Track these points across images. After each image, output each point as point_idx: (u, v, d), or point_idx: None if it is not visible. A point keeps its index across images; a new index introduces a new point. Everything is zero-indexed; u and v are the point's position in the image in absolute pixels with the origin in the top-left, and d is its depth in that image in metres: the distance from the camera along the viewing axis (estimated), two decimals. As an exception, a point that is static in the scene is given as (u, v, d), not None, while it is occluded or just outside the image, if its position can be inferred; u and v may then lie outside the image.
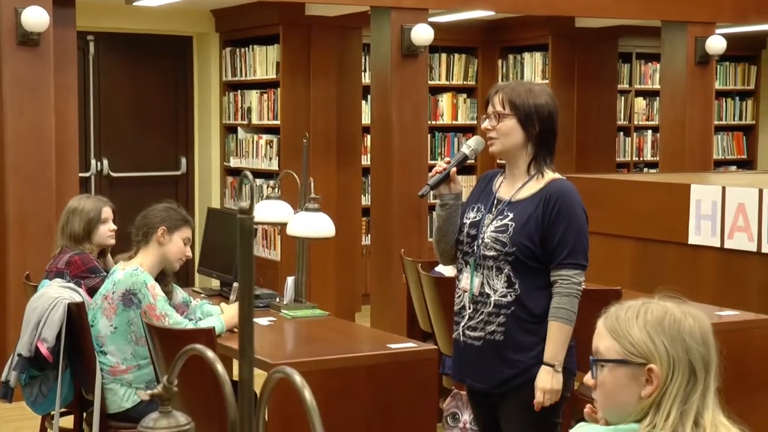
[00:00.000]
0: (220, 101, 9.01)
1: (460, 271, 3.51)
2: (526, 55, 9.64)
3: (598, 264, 6.64)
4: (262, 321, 4.51)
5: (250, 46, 8.63)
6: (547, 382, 3.33)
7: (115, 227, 4.83)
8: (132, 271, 4.14)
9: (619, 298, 4.56)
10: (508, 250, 3.34)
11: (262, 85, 8.56)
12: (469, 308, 3.45)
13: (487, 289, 3.39)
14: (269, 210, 4.90)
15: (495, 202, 3.44)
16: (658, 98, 9.40)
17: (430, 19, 7.36)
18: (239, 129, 8.87)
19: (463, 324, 3.48)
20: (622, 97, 10.18)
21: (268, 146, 8.49)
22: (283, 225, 4.80)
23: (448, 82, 9.76)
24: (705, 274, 5.92)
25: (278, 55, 8.24)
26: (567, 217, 3.34)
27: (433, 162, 9.45)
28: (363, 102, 8.66)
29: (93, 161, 8.71)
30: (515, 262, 3.34)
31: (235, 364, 5.02)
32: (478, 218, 3.45)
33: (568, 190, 3.38)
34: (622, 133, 10.21)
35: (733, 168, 10.70)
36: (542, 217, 3.33)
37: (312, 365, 3.82)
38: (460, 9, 7.83)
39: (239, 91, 8.85)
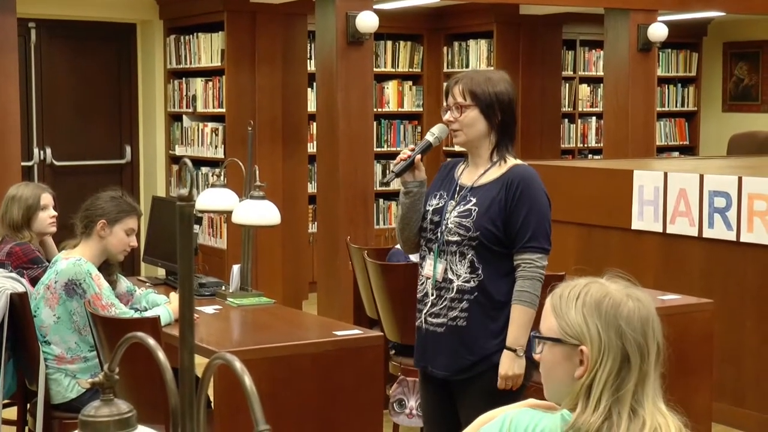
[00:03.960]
0: (165, 89, 8.95)
1: (423, 258, 3.51)
2: (471, 43, 9.68)
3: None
4: (207, 309, 4.50)
5: (195, 34, 8.57)
6: (510, 367, 3.33)
7: (55, 214, 4.78)
8: (75, 261, 4.10)
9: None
10: (471, 234, 3.35)
11: (207, 73, 8.51)
12: (432, 295, 3.45)
13: (450, 275, 3.39)
14: (214, 198, 4.88)
15: (457, 188, 3.45)
16: (601, 85, 9.48)
17: (376, 6, 7.35)
18: (184, 117, 8.81)
19: (425, 311, 3.48)
20: (567, 84, 10.26)
21: (214, 134, 8.45)
22: (229, 213, 4.78)
23: (393, 70, 9.77)
24: (648, 259, 6.00)
25: (223, 43, 8.19)
26: (529, 201, 3.35)
27: (379, 149, 9.47)
28: (309, 89, 8.64)
29: (36, 150, 8.61)
30: (479, 246, 3.35)
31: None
32: (441, 205, 3.46)
33: (530, 175, 3.40)
34: (566, 120, 10.30)
35: (676, 154, 10.84)
36: (505, 201, 3.35)
37: (258, 353, 3.83)
38: (405, -4, 7.83)
39: (184, 78, 8.79)
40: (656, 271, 5.98)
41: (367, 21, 7.07)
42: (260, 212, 4.54)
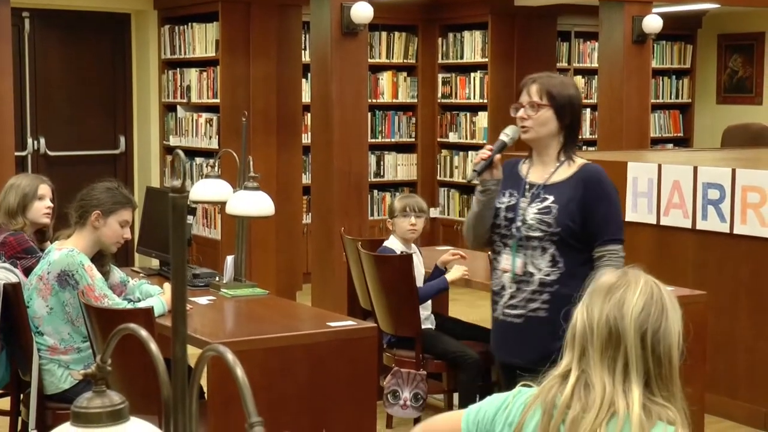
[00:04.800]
0: (159, 79, 8.93)
1: (498, 253, 3.65)
2: (466, 34, 9.67)
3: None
4: (201, 300, 4.50)
5: (189, 24, 8.55)
6: None
7: (51, 205, 4.78)
8: (68, 252, 4.10)
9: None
10: (553, 230, 3.51)
11: (202, 63, 8.49)
12: (511, 287, 3.59)
13: (531, 269, 3.55)
14: (208, 189, 4.88)
15: (527, 186, 3.60)
16: (596, 77, 9.48)
17: (370, -3, 7.34)
18: (178, 107, 8.80)
19: (502, 303, 3.62)
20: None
21: (208, 125, 8.44)
22: (223, 204, 4.78)
23: (388, 61, 9.76)
24: (641, 251, 6.00)
25: (217, 33, 8.18)
26: (607, 198, 3.56)
27: (373, 140, 9.47)
28: (303, 80, 8.64)
29: (30, 140, 8.59)
30: (559, 241, 3.51)
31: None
32: (513, 202, 3.60)
33: (602, 173, 3.61)
34: (561, 112, 10.28)
35: (670, 146, 10.85)
36: (583, 199, 3.52)
37: (251, 344, 3.83)
38: (400, -13, 7.82)
39: (178, 69, 8.78)
40: (650, 263, 5.94)
41: (361, 12, 7.07)
42: (254, 203, 4.54)
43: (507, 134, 3.62)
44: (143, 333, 1.46)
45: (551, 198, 3.54)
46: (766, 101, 10.29)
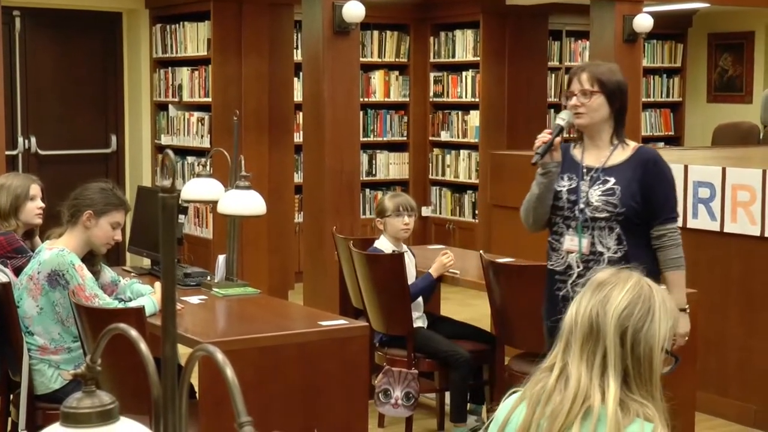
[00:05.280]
0: (151, 78, 8.92)
1: (560, 234, 3.81)
2: (458, 33, 9.68)
3: (528, 240, 6.71)
4: (193, 299, 4.50)
5: (181, 23, 8.54)
6: (685, 325, 3.74)
7: (42, 205, 4.77)
8: (58, 252, 4.09)
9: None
10: (618, 210, 3.70)
11: (193, 62, 8.49)
12: (579, 266, 3.76)
13: (599, 248, 3.72)
14: (199, 188, 4.88)
15: (585, 170, 3.78)
16: (587, 75, 9.47)
17: (362, -4, 7.34)
18: (170, 106, 8.79)
19: (571, 282, 3.77)
20: (553, 75, 10.27)
21: (200, 123, 8.43)
22: (214, 203, 4.78)
23: (380, 59, 9.76)
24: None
25: (209, 32, 8.17)
26: (665, 179, 3.78)
27: (365, 139, 9.47)
28: (295, 79, 8.63)
29: (20, 139, 8.57)
30: (624, 221, 3.70)
31: (167, 343, 5.00)
32: (573, 185, 3.78)
33: (658, 155, 3.83)
34: (552, 110, 10.30)
35: (661, 144, 10.87)
36: (643, 180, 3.72)
37: (243, 343, 3.83)
38: (391, -14, 7.82)
39: (170, 68, 8.77)
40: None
41: (353, 11, 7.06)
42: (246, 202, 4.54)
43: (563, 118, 3.79)
44: (133, 333, 1.46)
45: (612, 180, 3.73)
46: (756, 100, 10.31)
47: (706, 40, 11.38)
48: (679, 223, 3.85)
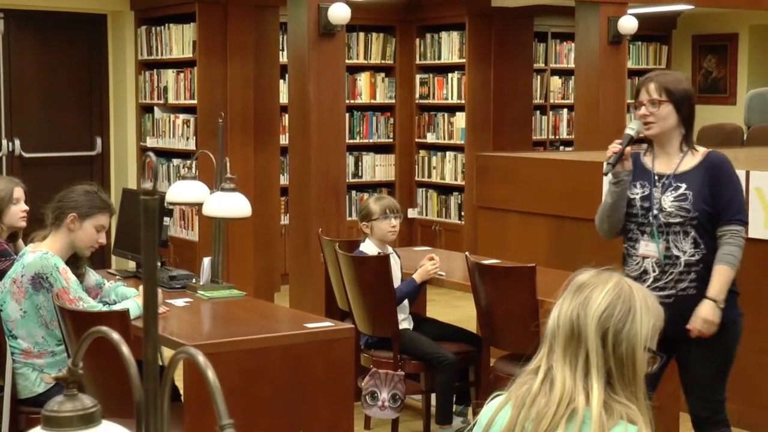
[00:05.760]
0: (136, 80, 8.90)
1: (634, 240, 3.94)
2: (444, 34, 9.68)
3: (514, 241, 6.73)
4: (178, 302, 4.49)
5: (166, 25, 8.53)
6: (709, 313, 3.83)
7: (26, 208, 4.75)
8: (42, 255, 4.07)
9: (533, 275, 4.64)
10: (692, 215, 3.83)
11: (179, 64, 8.47)
12: (655, 271, 3.88)
13: (675, 252, 3.85)
14: (184, 190, 4.87)
15: (656, 177, 3.91)
16: (573, 77, 9.51)
17: (347, -2, 7.34)
18: (155, 108, 8.77)
19: (647, 285, 3.80)
20: (538, 76, 10.29)
21: (185, 126, 8.42)
22: (200, 205, 4.77)
23: (366, 61, 9.76)
24: (617, 250, 6.01)
25: (194, 34, 8.15)
26: (732, 182, 3.89)
27: (351, 141, 9.47)
28: (281, 81, 8.62)
29: (4, 141, 8.54)
30: (698, 225, 3.83)
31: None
32: (646, 193, 3.91)
33: (727, 159, 3.93)
34: (538, 112, 10.33)
35: (645, 146, 10.88)
36: (711, 184, 3.84)
37: (228, 346, 3.82)
38: (376, -12, 7.82)
39: (155, 70, 8.75)
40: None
41: (339, 12, 7.06)
42: (231, 205, 4.53)
43: (632, 128, 3.91)
44: (115, 336, 1.46)
45: (684, 186, 3.85)
46: (740, 101, 10.35)
47: (691, 42, 11.42)
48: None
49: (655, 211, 3.87)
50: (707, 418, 4.00)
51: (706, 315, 3.83)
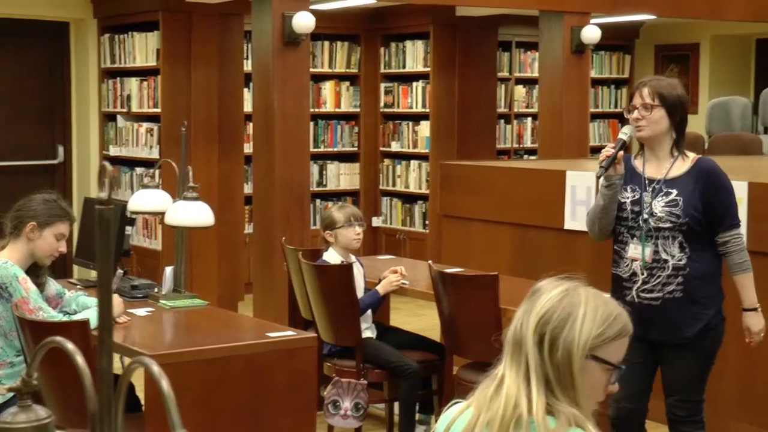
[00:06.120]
0: (99, 89, 8.85)
1: (624, 243, 4.01)
2: (408, 44, 9.71)
3: (478, 250, 6.75)
4: (140, 312, 4.46)
5: (130, 33, 8.49)
6: (757, 323, 3.98)
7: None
8: (1, 264, 4.04)
9: (496, 283, 4.65)
10: (681, 220, 3.89)
11: (142, 73, 8.43)
12: (643, 273, 3.96)
13: (663, 256, 3.92)
14: (147, 199, 4.85)
15: (647, 181, 3.98)
16: (537, 86, 9.56)
17: (312, 7, 7.34)
18: (119, 117, 8.73)
19: (636, 288, 3.97)
20: (503, 85, 10.33)
21: (149, 134, 8.38)
22: (163, 214, 4.75)
23: (330, 70, 9.77)
24: (580, 258, 6.06)
25: (158, 42, 8.12)
26: (724, 188, 3.96)
27: (316, 150, 9.47)
28: (245, 90, 8.61)
29: (-35, 150, 8.47)
30: (687, 230, 3.90)
31: (114, 356, 4.96)
32: (637, 197, 3.98)
33: (716, 165, 3.99)
34: (502, 121, 10.37)
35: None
36: (704, 190, 3.90)
37: (190, 355, 3.81)
38: (341, -3, 7.84)
39: (118, 78, 8.70)
40: (588, 271, 6.00)
41: (303, 21, 7.06)
42: (193, 213, 4.51)
43: (625, 133, 4.00)
44: (69, 346, 1.45)
45: (675, 191, 3.92)
46: (702, 111, 10.45)
47: (653, 52, 11.52)
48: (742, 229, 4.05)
49: (645, 215, 3.94)
50: (684, 417, 4.07)
51: (755, 327, 3.99)
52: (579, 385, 1.96)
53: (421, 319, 7.56)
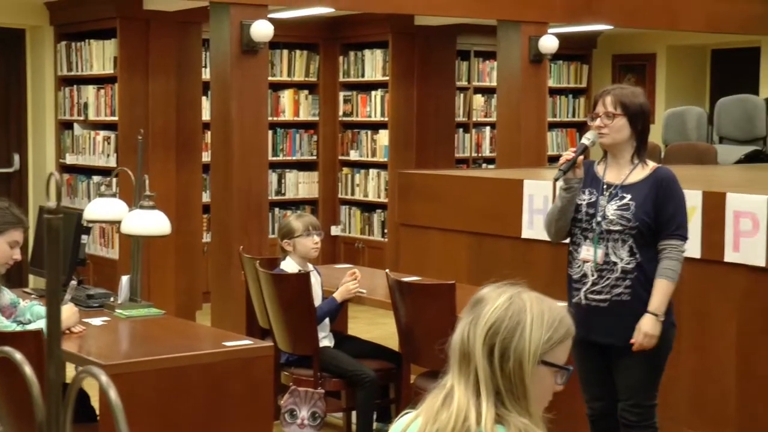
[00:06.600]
0: (56, 96, 8.78)
1: (578, 244, 4.11)
2: (367, 52, 9.73)
3: (436, 258, 6.77)
4: (95, 321, 4.43)
5: (86, 41, 8.44)
6: (651, 327, 3.98)
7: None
8: (-46, 273, 4.00)
9: (453, 292, 4.67)
10: (632, 224, 3.98)
11: (99, 80, 8.38)
12: (593, 275, 4.04)
13: (613, 258, 4.01)
14: (103, 208, 4.83)
15: (605, 186, 4.07)
16: (495, 95, 9.61)
17: (271, 15, 7.34)
18: (75, 125, 8.66)
19: (585, 289, 4.06)
20: (461, 94, 10.38)
21: (106, 142, 8.33)
22: (119, 223, 4.72)
23: (289, 78, 9.76)
24: (537, 267, 6.10)
25: (115, 50, 8.08)
26: (676, 198, 4.03)
27: (273, 158, 9.45)
28: (203, 98, 8.58)
29: None
30: (637, 234, 3.98)
31: (70, 366, 4.91)
32: (593, 200, 4.07)
33: (673, 176, 4.08)
34: (461, 130, 10.41)
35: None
36: (656, 197, 3.99)
37: (145, 365, 3.79)
38: (300, 5, 7.84)
39: (75, 86, 8.64)
40: (546, 279, 6.06)
41: (261, 30, 7.06)
42: (149, 222, 4.49)
43: (588, 138, 4.07)
44: (17, 356, 1.44)
45: (629, 196, 4.01)
46: (658, 120, 10.56)
47: (611, 62, 11.63)
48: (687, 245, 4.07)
49: (599, 218, 4.03)
50: (635, 422, 4.10)
51: (647, 329, 3.97)
52: (530, 392, 1.96)
53: (379, 328, 7.56)
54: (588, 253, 4.05)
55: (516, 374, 1.95)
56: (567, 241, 4.25)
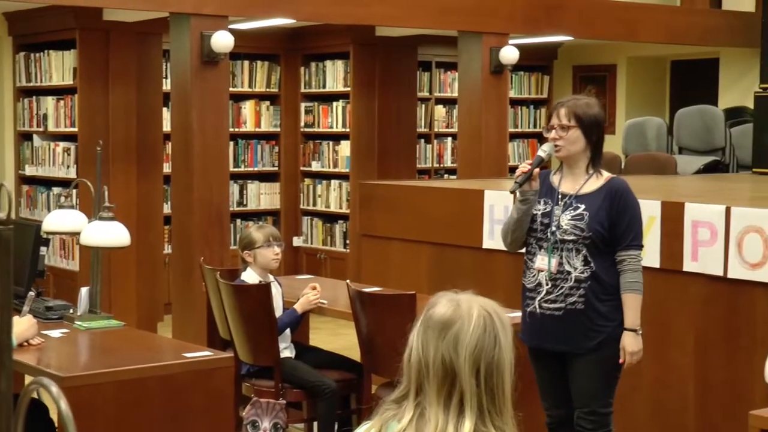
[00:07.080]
0: (14, 107, 8.71)
1: (532, 254, 4.14)
2: (328, 63, 9.74)
3: (397, 269, 6.78)
4: (54, 333, 4.39)
5: (46, 51, 8.38)
6: (634, 344, 4.04)
7: None
8: None
9: (413, 302, 4.68)
10: (585, 234, 4.02)
11: (59, 91, 8.33)
12: (547, 284, 4.07)
13: (567, 267, 4.04)
14: (62, 219, 4.79)
15: (560, 196, 4.11)
16: (456, 106, 9.65)
17: (231, 26, 7.33)
18: (35, 136, 8.60)
19: (539, 298, 4.10)
20: (423, 105, 10.41)
21: (66, 154, 8.27)
22: (78, 234, 4.69)
23: (250, 89, 9.75)
24: (498, 277, 6.13)
25: (75, 61, 8.04)
26: (631, 208, 4.07)
27: (235, 169, 9.43)
28: (164, 109, 8.55)
29: None
30: (590, 244, 4.02)
31: (27, 378, 4.87)
32: (548, 210, 4.10)
33: (627, 186, 4.13)
34: (422, 140, 10.44)
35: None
36: (610, 208, 4.04)
37: (104, 377, 3.75)
38: (260, 16, 7.84)
39: (34, 97, 8.58)
40: (506, 289, 6.08)
41: (222, 41, 7.05)
42: (109, 233, 4.47)
43: (544, 150, 4.11)
44: (-32, 368, 1.43)
45: (583, 206, 4.05)
46: (619, 131, 10.65)
47: (571, 72, 11.72)
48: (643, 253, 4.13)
49: (554, 228, 4.07)
50: (591, 429, 4.13)
51: (631, 347, 4.04)
52: (509, 403, 2.00)
53: (341, 338, 7.55)
54: (542, 262, 4.09)
55: (500, 387, 1.99)
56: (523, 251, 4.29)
